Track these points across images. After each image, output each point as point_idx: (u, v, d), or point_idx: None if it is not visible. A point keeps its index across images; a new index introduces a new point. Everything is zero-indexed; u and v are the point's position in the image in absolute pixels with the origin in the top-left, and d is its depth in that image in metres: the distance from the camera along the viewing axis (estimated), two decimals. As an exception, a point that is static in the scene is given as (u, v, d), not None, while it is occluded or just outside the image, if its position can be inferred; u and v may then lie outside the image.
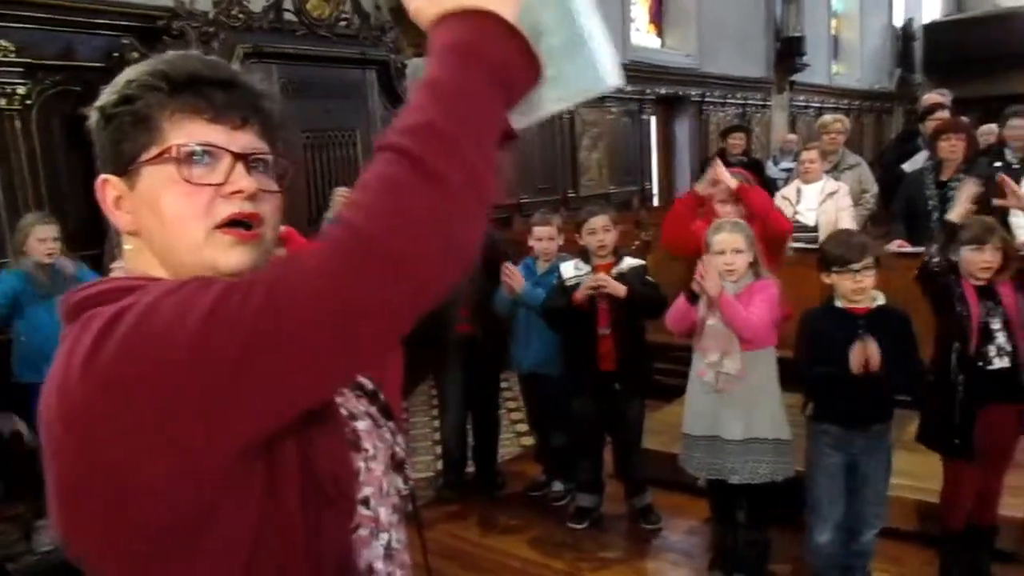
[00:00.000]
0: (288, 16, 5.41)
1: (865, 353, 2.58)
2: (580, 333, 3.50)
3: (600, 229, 3.45)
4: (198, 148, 0.81)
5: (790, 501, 2.97)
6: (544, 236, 3.76)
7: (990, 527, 2.94)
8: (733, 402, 2.95)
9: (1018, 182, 4.29)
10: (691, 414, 3.11)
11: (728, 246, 2.91)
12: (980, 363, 2.71)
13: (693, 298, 2.99)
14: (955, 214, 3.01)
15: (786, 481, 2.95)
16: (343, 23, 5.70)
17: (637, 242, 6.62)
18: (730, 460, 2.98)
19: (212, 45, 4.88)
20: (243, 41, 5.09)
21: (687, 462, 3.13)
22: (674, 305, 3.10)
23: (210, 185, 0.81)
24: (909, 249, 4.37)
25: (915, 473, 3.08)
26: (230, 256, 0.82)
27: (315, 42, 5.51)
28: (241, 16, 5.12)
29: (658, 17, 9.93)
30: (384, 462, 0.90)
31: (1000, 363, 2.70)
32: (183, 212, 0.80)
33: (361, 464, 0.85)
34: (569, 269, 3.53)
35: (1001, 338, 2.71)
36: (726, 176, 3.53)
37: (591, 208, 3.63)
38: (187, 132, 0.81)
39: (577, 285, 3.43)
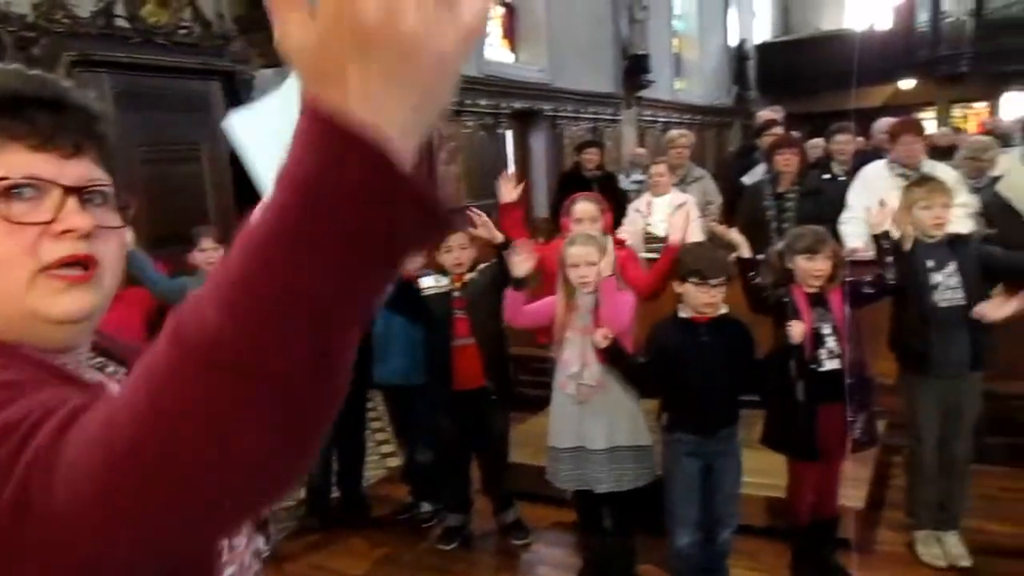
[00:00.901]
0: (121, 22, 5.05)
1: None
2: (437, 344, 3.46)
3: (456, 247, 3.42)
4: (20, 181, 0.69)
5: (653, 506, 3.05)
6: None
7: (832, 518, 3.13)
8: (595, 412, 3.00)
9: (844, 193, 4.67)
10: (556, 426, 3.14)
11: (582, 259, 2.96)
12: (813, 366, 2.88)
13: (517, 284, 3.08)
14: None
15: (649, 487, 3.04)
16: (183, 31, 5.39)
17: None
18: (596, 470, 3.02)
19: (32, 52, 4.48)
20: (69, 48, 4.70)
21: (554, 476, 3.15)
22: (506, 300, 3.14)
23: (35, 224, 0.69)
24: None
25: (762, 471, 3.23)
26: (59, 302, 0.70)
27: (152, 51, 5.17)
28: (66, 21, 4.73)
29: (511, 32, 10.08)
30: (247, 531, 0.81)
31: (830, 365, 2.89)
32: (2, 255, 0.68)
33: (224, 542, 0.77)
34: (429, 280, 3.50)
35: (831, 342, 2.90)
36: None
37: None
38: (6, 163, 0.69)
39: (436, 295, 3.43)
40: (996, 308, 2.87)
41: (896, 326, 3.19)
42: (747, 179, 5.63)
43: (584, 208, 3.58)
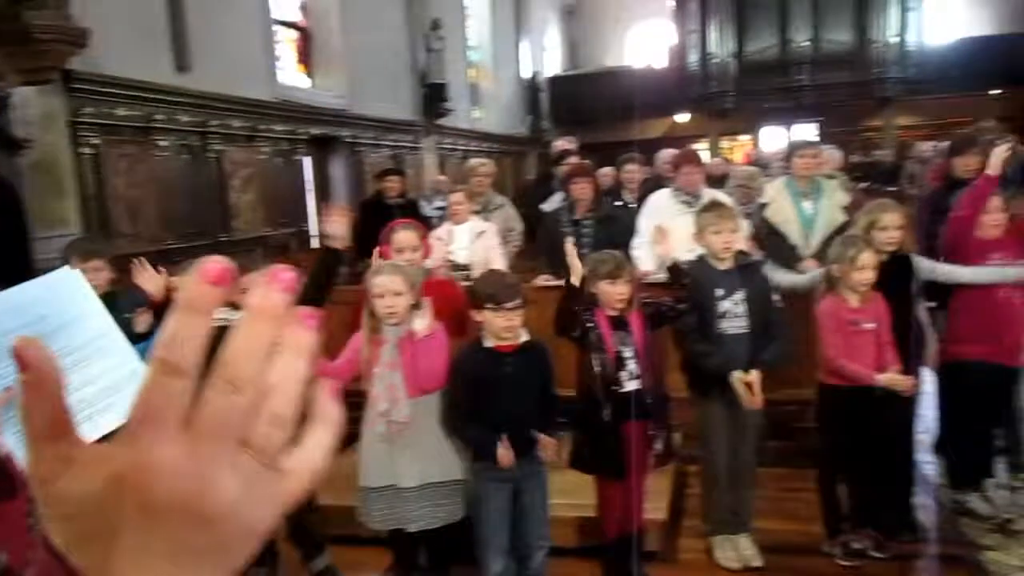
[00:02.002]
0: None
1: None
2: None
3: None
4: None
5: (468, 539, 3.01)
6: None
7: (639, 531, 3.25)
8: (406, 449, 2.92)
9: (633, 220, 4.94)
10: (367, 466, 3.03)
11: (387, 289, 2.89)
12: (615, 387, 2.99)
13: None
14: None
15: (463, 520, 3.00)
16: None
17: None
18: (409, 508, 2.95)
19: None
20: None
21: (367, 516, 3.04)
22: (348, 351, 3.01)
23: None
24: (554, 283, 4.76)
25: (570, 491, 3.30)
26: None
27: None
28: None
29: (306, 57, 9.82)
30: None
31: (631, 386, 3.01)
32: None
33: None
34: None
35: (632, 364, 3.03)
36: None
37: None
38: None
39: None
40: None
41: (685, 349, 3.38)
42: (546, 206, 5.82)
43: (405, 237, 3.51)
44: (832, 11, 17.06)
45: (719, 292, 3.23)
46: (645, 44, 20.93)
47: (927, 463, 4.13)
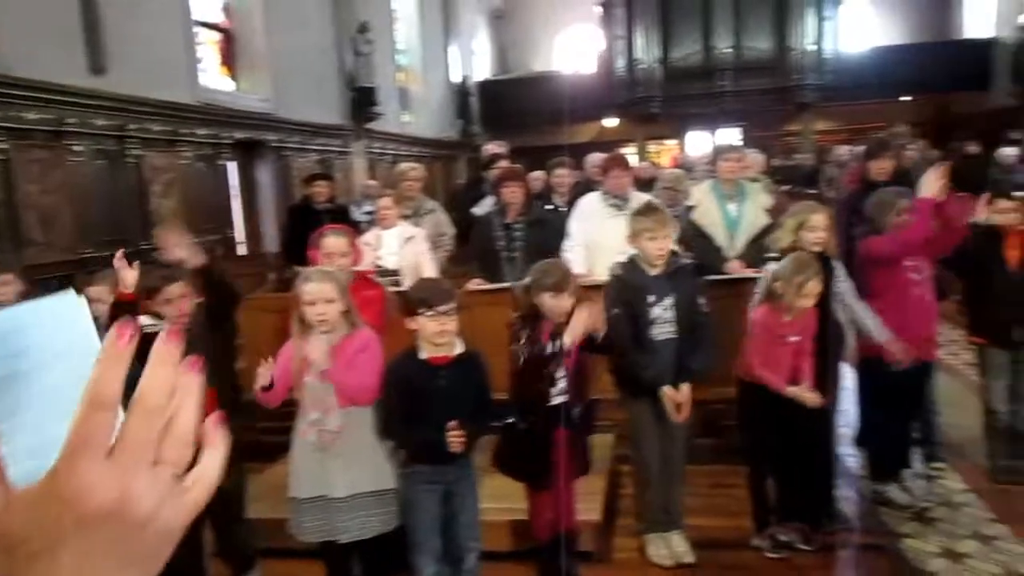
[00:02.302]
0: None
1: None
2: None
3: (176, 298, 3.07)
4: None
5: (402, 547, 2.97)
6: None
7: (572, 532, 3.27)
8: (337, 459, 2.87)
9: (564, 223, 4.97)
10: (297, 476, 2.96)
11: (318, 296, 2.83)
12: (544, 399, 3.00)
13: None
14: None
15: (397, 528, 2.96)
16: None
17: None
18: (340, 518, 2.90)
19: None
20: None
21: (298, 528, 2.97)
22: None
23: None
24: (486, 287, 4.76)
25: (503, 495, 3.28)
26: None
27: None
28: None
29: (230, 59, 9.59)
30: None
31: (559, 400, 3.02)
32: None
33: None
34: (145, 320, 3.15)
35: (562, 381, 3.04)
36: None
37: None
38: None
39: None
40: None
41: (617, 355, 3.40)
42: (477, 210, 5.81)
43: (335, 242, 3.45)
44: (752, 19, 17.55)
45: (650, 299, 3.27)
46: (574, 49, 21.18)
47: (849, 456, 4.28)
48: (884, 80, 17.72)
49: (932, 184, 3.59)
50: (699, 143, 18.17)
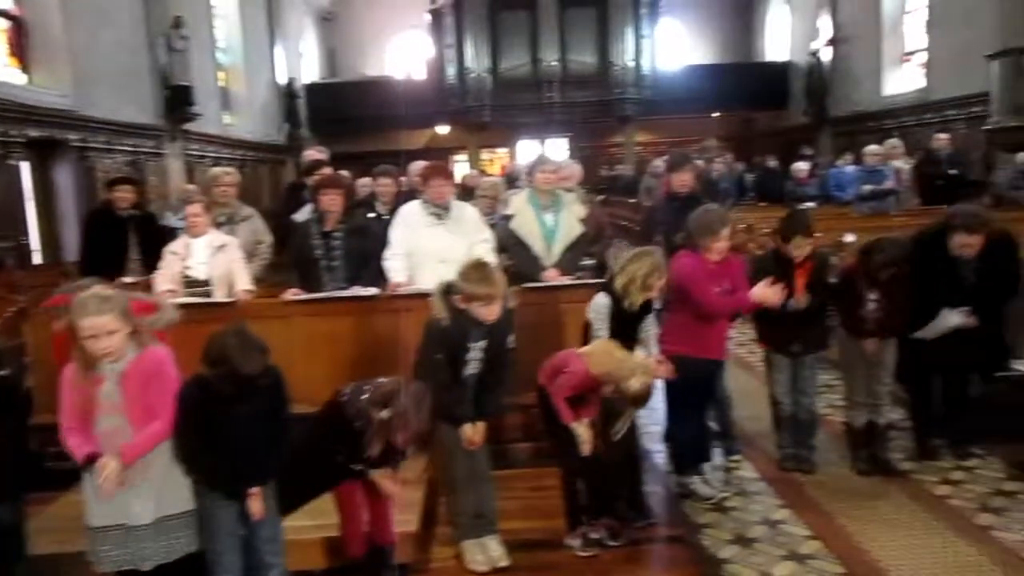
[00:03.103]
0: None
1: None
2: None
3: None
4: None
5: (202, 566, 2.84)
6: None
7: (388, 544, 3.24)
8: (136, 486, 2.70)
9: (386, 231, 4.92)
10: (92, 505, 2.75)
11: (100, 330, 2.62)
12: None
13: None
14: None
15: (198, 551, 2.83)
16: None
17: (12, 309, 5.66)
18: (143, 546, 2.73)
19: None
20: None
21: (97, 558, 2.78)
22: None
23: None
24: (303, 297, 4.62)
25: (314, 512, 3.19)
26: None
27: None
28: None
29: (21, 51, 8.75)
30: None
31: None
32: None
33: None
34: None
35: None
36: None
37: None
38: None
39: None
40: None
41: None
42: (297, 217, 5.64)
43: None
44: (577, 34, 18.25)
45: (470, 344, 3.37)
46: (406, 55, 21.11)
47: (657, 452, 4.52)
48: (697, 97, 18.99)
49: (766, 295, 3.86)
50: (530, 152, 18.64)
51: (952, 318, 4.18)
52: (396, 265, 4.74)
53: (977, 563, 3.33)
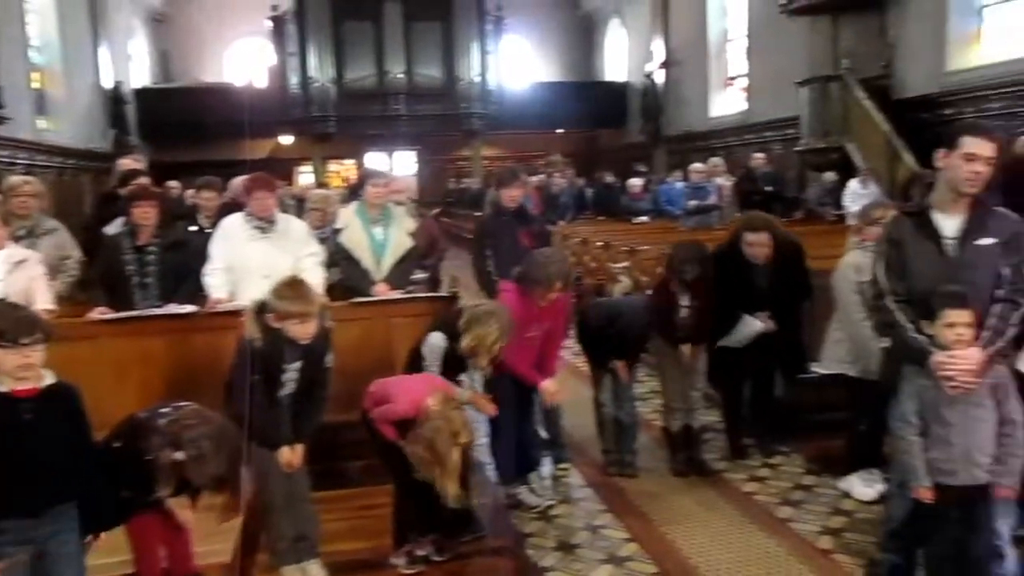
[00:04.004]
0: None
1: None
2: None
3: None
4: None
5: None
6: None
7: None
8: None
9: (207, 245, 4.70)
10: None
11: None
12: None
13: None
14: None
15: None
16: None
17: None
18: None
19: None
20: None
21: None
22: None
23: None
24: (112, 315, 4.32)
25: (112, 548, 2.97)
26: None
27: None
28: None
29: None
30: None
31: None
32: None
33: None
34: None
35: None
36: None
37: None
38: None
39: None
40: None
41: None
42: (108, 230, 5.27)
43: None
44: (422, 47, 18.30)
45: (285, 365, 3.26)
46: (246, 62, 20.37)
47: (487, 464, 4.55)
48: (542, 113, 19.51)
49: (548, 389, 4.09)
50: (378, 164, 18.45)
51: (753, 324, 4.48)
52: (216, 281, 4.53)
53: (775, 554, 3.57)
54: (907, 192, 3.86)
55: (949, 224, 2.92)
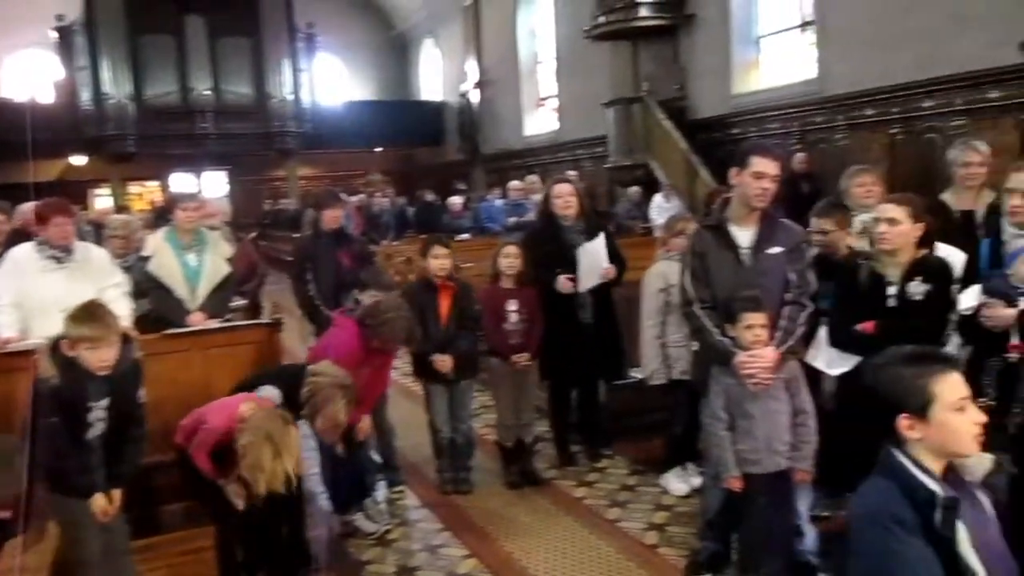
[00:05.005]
0: None
1: None
2: None
3: None
4: None
5: None
6: None
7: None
8: None
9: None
10: None
11: None
12: None
13: None
14: None
15: None
16: None
17: None
18: None
19: None
20: None
21: None
22: None
23: None
24: None
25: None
26: None
27: None
28: None
29: None
30: None
31: None
32: None
33: None
34: None
35: None
36: None
37: None
38: None
39: None
40: None
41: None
42: None
43: None
44: (230, 64, 17.57)
45: (90, 404, 3.02)
46: (27, 76, 18.58)
47: (320, 493, 4.41)
48: (359, 132, 19.32)
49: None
50: (186, 185, 17.46)
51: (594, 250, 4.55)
52: (5, 319, 4.11)
53: (607, 554, 3.74)
54: (708, 206, 4.19)
55: (743, 235, 3.22)
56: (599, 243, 4.58)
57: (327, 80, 20.40)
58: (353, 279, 4.79)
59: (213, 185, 19.13)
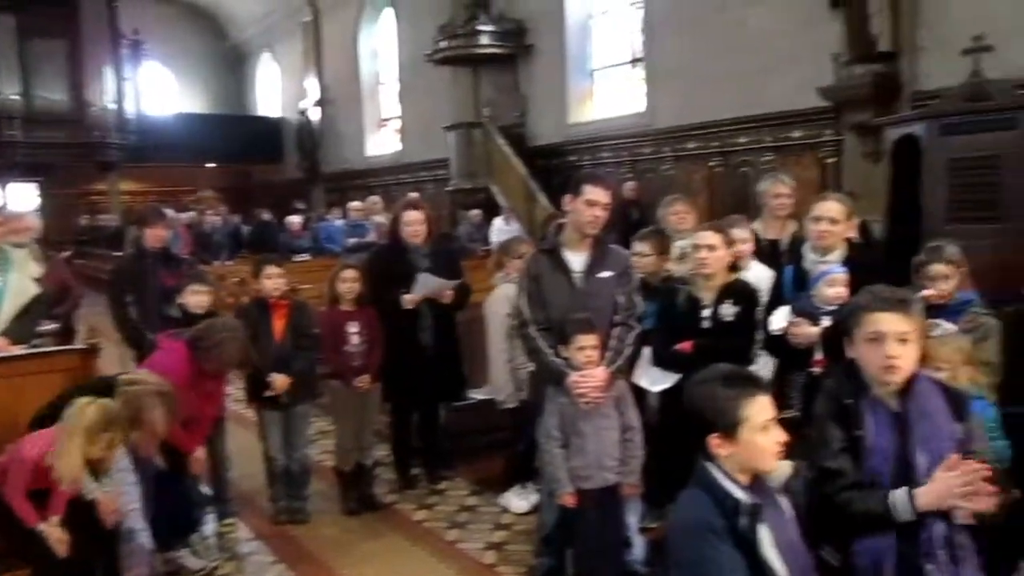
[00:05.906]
0: None
1: None
2: None
3: None
4: None
5: None
6: None
7: None
8: None
9: None
10: None
11: None
12: None
13: None
14: None
15: None
16: None
17: None
18: None
19: None
20: None
21: None
22: None
23: None
24: None
25: None
26: None
27: None
28: None
29: None
30: None
31: None
32: None
33: None
34: None
35: None
36: None
37: None
38: None
39: None
40: None
41: None
42: None
43: None
44: (43, 67, 16.25)
45: None
46: None
47: (140, 530, 4.13)
48: (190, 146, 18.39)
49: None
50: (25, 196, 15.97)
51: (427, 280, 4.53)
52: None
53: (446, 576, 3.75)
54: (546, 230, 4.34)
55: (576, 260, 3.36)
56: (433, 279, 4.57)
57: (155, 90, 19.31)
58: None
59: (21, 198, 17.50)
